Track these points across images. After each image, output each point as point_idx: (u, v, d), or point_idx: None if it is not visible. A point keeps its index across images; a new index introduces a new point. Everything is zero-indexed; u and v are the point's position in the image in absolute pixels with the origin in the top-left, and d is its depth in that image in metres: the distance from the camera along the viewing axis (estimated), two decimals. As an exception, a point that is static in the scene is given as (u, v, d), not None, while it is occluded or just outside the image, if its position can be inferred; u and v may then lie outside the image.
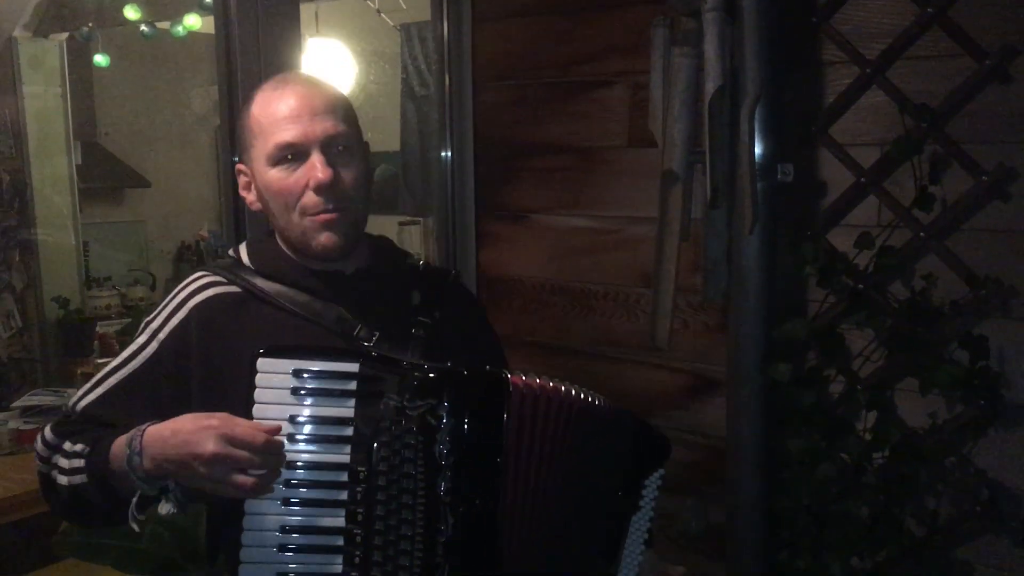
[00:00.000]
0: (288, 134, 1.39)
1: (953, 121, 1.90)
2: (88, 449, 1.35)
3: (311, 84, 1.46)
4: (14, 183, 4.94)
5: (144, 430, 1.28)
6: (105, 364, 1.51)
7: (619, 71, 2.35)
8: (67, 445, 1.39)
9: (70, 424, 1.44)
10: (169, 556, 2.67)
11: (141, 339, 1.45)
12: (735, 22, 1.94)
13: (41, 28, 4.95)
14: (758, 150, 1.94)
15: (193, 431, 1.22)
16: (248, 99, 1.47)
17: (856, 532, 1.94)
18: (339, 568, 1.25)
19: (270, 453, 1.22)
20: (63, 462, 1.38)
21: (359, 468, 1.26)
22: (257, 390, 1.25)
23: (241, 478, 1.21)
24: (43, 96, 5.00)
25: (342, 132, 1.43)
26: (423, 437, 1.26)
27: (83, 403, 1.44)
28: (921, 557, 1.93)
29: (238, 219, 2.29)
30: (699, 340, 2.28)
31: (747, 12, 1.92)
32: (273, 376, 1.25)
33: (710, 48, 1.94)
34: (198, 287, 1.45)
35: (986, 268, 1.87)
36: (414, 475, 1.26)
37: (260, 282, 1.44)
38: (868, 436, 1.96)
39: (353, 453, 1.26)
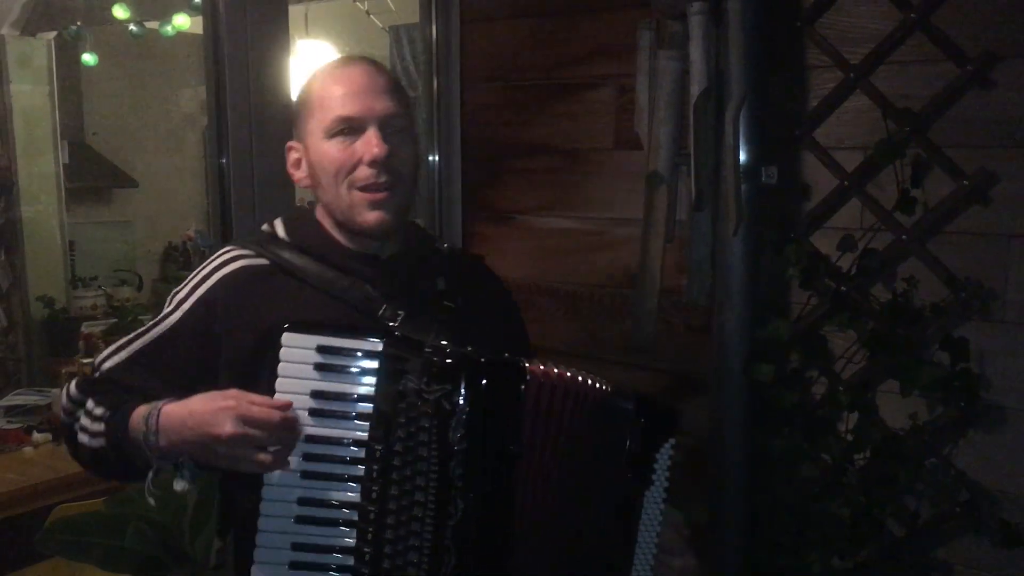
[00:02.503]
0: (348, 108, 1.42)
1: (935, 125, 1.91)
2: (109, 414, 1.37)
3: (374, 65, 1.50)
4: (1, 182, 4.92)
5: (160, 409, 1.30)
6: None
7: (605, 73, 2.36)
8: (90, 404, 1.41)
9: (95, 383, 1.45)
10: (153, 554, 2.66)
11: (168, 308, 1.46)
12: (720, 25, 1.95)
13: (29, 26, 4.94)
14: (743, 153, 1.96)
15: (210, 412, 1.24)
16: (309, 78, 1.49)
17: (837, 532, 1.96)
18: (352, 542, 1.27)
19: (286, 430, 1.24)
20: (86, 421, 1.40)
21: (376, 446, 1.28)
22: (281, 364, 1.27)
23: (259, 456, 1.23)
24: (30, 95, 4.99)
25: (400, 112, 1.45)
26: (438, 421, 1.28)
27: (107, 364, 1.46)
28: (901, 557, 1.94)
29: (225, 219, 2.29)
30: (683, 341, 2.29)
31: (732, 15, 1.93)
32: (297, 351, 1.28)
33: (695, 51, 1.96)
34: (226, 259, 1.47)
35: (967, 271, 1.89)
36: (427, 458, 1.28)
37: (290, 256, 1.46)
38: (849, 437, 1.97)
39: (372, 431, 1.28)
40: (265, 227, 1.54)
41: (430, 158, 2.71)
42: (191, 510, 2.73)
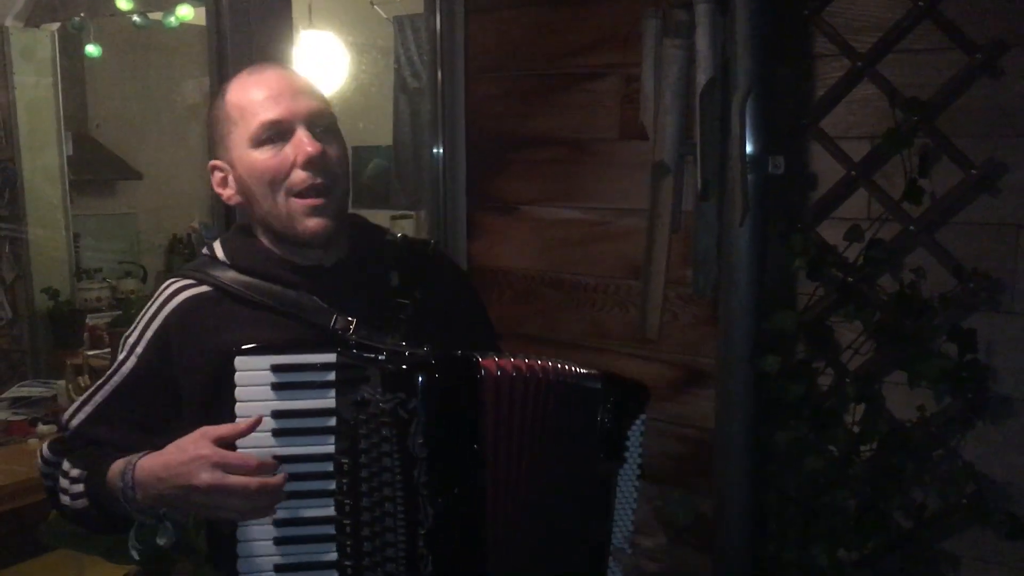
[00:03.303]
0: (272, 112, 1.38)
1: (943, 115, 1.90)
2: (86, 474, 1.36)
3: (285, 67, 1.47)
4: (5, 174, 4.92)
5: (135, 463, 1.28)
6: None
7: (611, 63, 2.35)
8: (66, 465, 1.40)
9: (66, 442, 1.44)
10: (159, 546, 2.66)
11: (121, 355, 1.44)
12: (727, 14, 1.94)
13: (33, 18, 4.93)
14: (749, 142, 1.95)
15: (185, 462, 1.22)
16: (218, 93, 1.45)
17: (843, 524, 1.95)
18: (333, 556, 1.26)
19: (264, 471, 1.22)
20: (65, 483, 1.40)
21: (343, 459, 1.26)
22: (238, 388, 1.25)
23: (239, 503, 1.21)
24: (34, 87, 4.98)
25: (324, 110, 1.42)
26: (396, 431, 1.25)
27: (75, 421, 1.44)
28: (908, 549, 1.94)
29: (228, 212, 2.29)
30: (689, 332, 2.28)
31: (739, 4, 1.92)
32: (252, 374, 1.25)
33: (702, 40, 1.95)
34: (169, 294, 1.43)
35: (975, 262, 1.88)
36: (391, 468, 1.26)
37: (233, 277, 1.42)
38: (856, 428, 1.97)
39: (337, 443, 1.26)
40: (205, 250, 1.51)
41: (434, 150, 2.70)
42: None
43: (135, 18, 4.85)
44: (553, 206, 2.50)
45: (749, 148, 1.95)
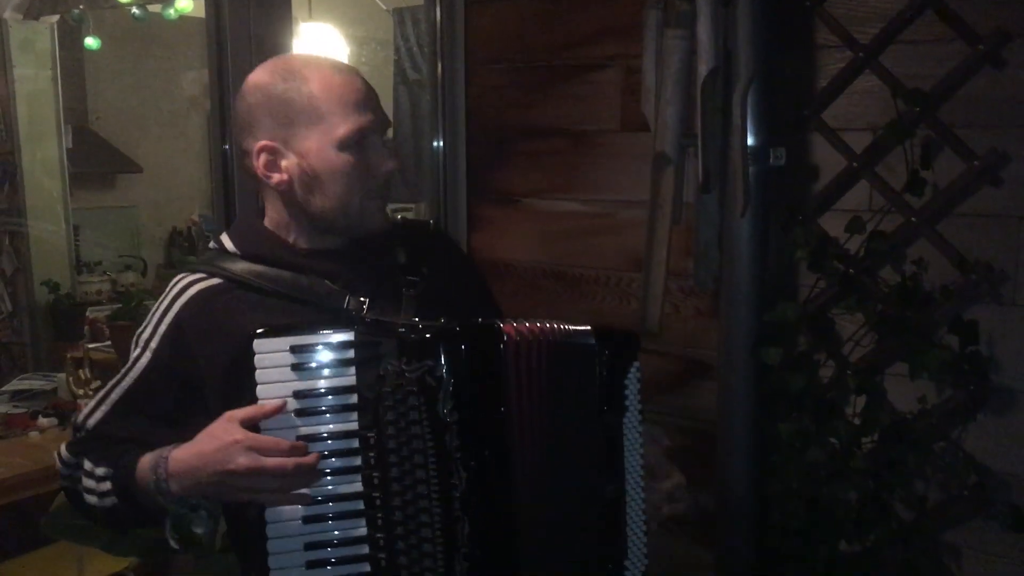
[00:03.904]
0: (366, 120, 1.41)
1: (945, 106, 1.90)
2: (112, 471, 1.37)
3: (359, 74, 1.49)
4: (4, 167, 4.91)
5: (167, 457, 1.29)
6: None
7: (612, 54, 2.34)
8: (88, 465, 1.41)
9: (84, 442, 1.45)
10: (157, 538, 2.66)
11: (135, 352, 1.45)
12: (728, 5, 1.93)
13: (32, 10, 4.92)
14: (750, 134, 1.94)
15: (219, 448, 1.24)
16: (295, 76, 1.42)
17: (845, 516, 1.95)
18: (364, 531, 1.28)
19: (298, 452, 1.24)
20: (90, 483, 1.40)
21: (368, 434, 1.28)
22: (258, 371, 1.26)
23: (276, 483, 1.23)
24: (34, 79, 4.97)
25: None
26: (425, 398, 1.28)
27: (91, 421, 1.45)
28: (909, 541, 1.94)
29: (228, 204, 2.29)
30: (690, 324, 2.28)
31: (741, -5, 1.91)
32: (271, 356, 1.27)
33: (703, 31, 1.94)
34: (181, 288, 1.44)
35: (977, 253, 1.87)
36: (421, 435, 1.28)
37: (244, 268, 1.43)
38: (857, 420, 1.96)
39: (361, 419, 1.28)
40: (212, 244, 1.52)
41: (435, 142, 2.70)
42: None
43: (134, 10, 4.84)
44: (554, 198, 2.49)
45: (751, 139, 1.94)
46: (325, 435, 1.28)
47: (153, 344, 1.43)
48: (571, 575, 1.42)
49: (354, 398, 1.28)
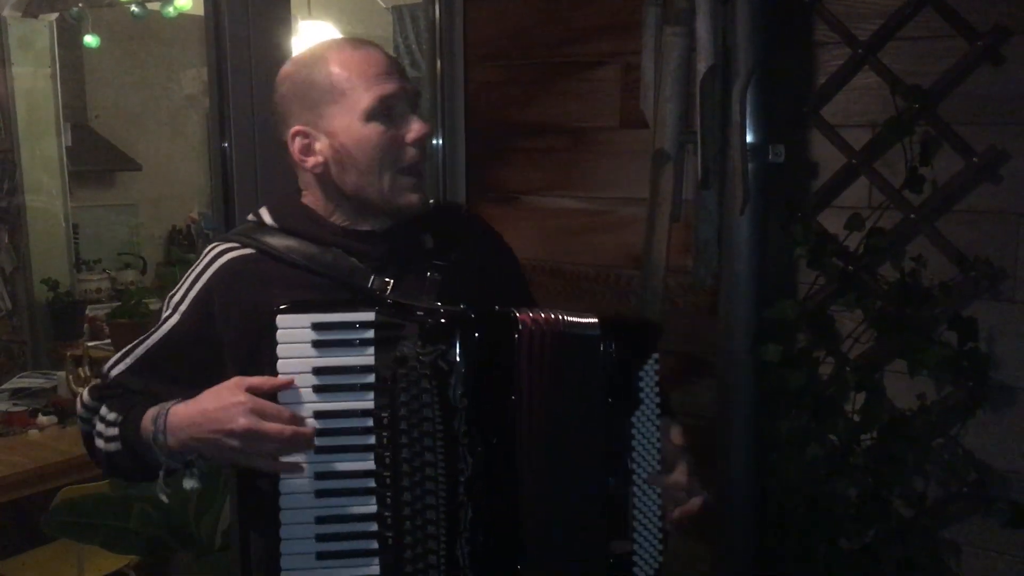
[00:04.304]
0: (389, 88, 1.41)
1: (944, 102, 1.90)
2: (121, 418, 1.41)
3: (379, 47, 1.50)
4: (3, 165, 4.92)
5: (168, 409, 1.33)
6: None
7: (611, 51, 2.34)
8: (103, 410, 1.45)
9: (105, 389, 1.49)
10: (158, 535, 2.67)
11: (166, 313, 1.49)
12: (727, 1, 1.93)
13: (31, 8, 4.92)
14: (749, 131, 1.94)
15: (222, 408, 1.27)
16: (317, 60, 1.44)
17: (844, 513, 1.95)
18: (374, 508, 1.31)
19: (297, 423, 1.27)
20: (101, 427, 1.44)
21: (383, 414, 1.31)
22: (279, 346, 1.29)
23: (271, 448, 1.26)
24: (32, 77, 4.97)
25: (418, 90, 1.49)
26: (437, 382, 1.30)
27: (114, 372, 1.49)
28: (909, 538, 1.94)
29: (227, 202, 2.28)
30: (689, 321, 2.27)
31: (739, -9, 1.91)
32: (293, 331, 1.30)
33: (702, 27, 1.94)
34: (215, 255, 1.48)
35: (976, 250, 1.87)
36: (432, 418, 1.31)
37: (276, 240, 1.47)
38: (857, 417, 1.96)
39: (376, 399, 1.31)
40: (251, 216, 1.53)
41: (434, 140, 2.69)
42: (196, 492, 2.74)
43: (133, 8, 4.84)
44: (553, 195, 2.49)
45: (750, 136, 1.94)
46: (341, 412, 1.31)
47: (182, 307, 1.46)
48: (572, 566, 1.43)
49: (371, 378, 1.31)
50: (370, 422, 1.30)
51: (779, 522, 2.04)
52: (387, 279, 1.42)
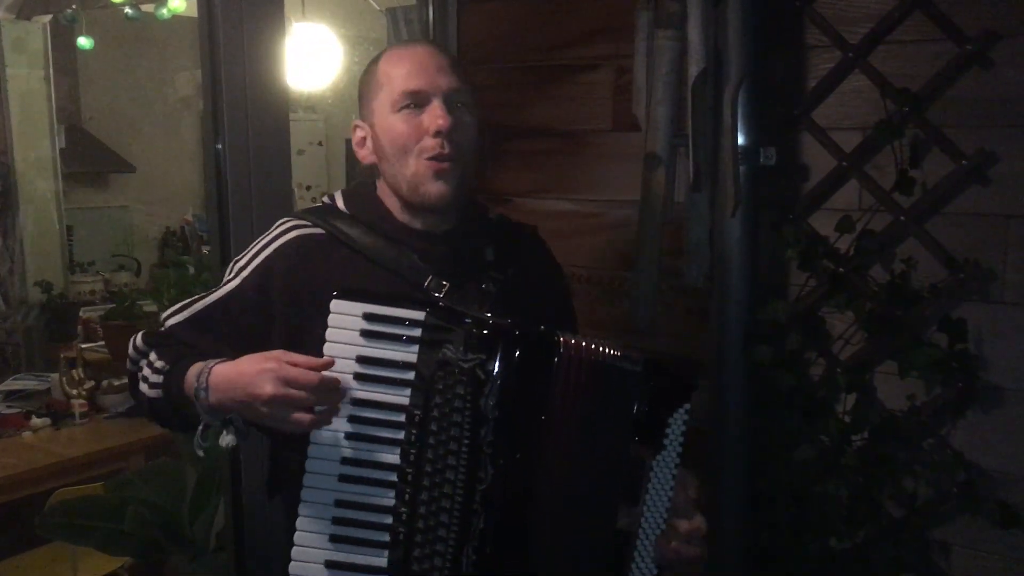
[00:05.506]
0: (413, 82, 1.48)
1: (934, 105, 1.91)
2: (168, 367, 1.45)
3: (437, 45, 1.58)
4: (-3, 167, 4.91)
5: (212, 367, 1.37)
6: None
7: (603, 54, 2.35)
8: (152, 356, 1.49)
9: (159, 336, 1.54)
10: (152, 538, 2.67)
11: (229, 276, 1.54)
12: (719, 5, 1.94)
13: (24, 10, 4.92)
14: (741, 134, 1.95)
15: (254, 374, 1.30)
16: (376, 59, 1.54)
17: (835, 513, 1.96)
18: (391, 502, 1.33)
19: (326, 390, 1.30)
20: (147, 372, 1.49)
21: (416, 412, 1.33)
22: (329, 329, 1.33)
23: (298, 416, 1.29)
24: (26, 79, 4.97)
25: (463, 88, 1.51)
26: (472, 389, 1.33)
27: (171, 321, 1.54)
28: (899, 538, 1.95)
29: (221, 204, 2.28)
30: (681, 323, 2.28)
31: (731, -5, 1.92)
32: (345, 317, 1.33)
33: (694, 31, 1.95)
34: (284, 229, 1.53)
35: (965, 252, 1.88)
36: (460, 424, 1.33)
37: (344, 225, 1.52)
38: (847, 418, 1.97)
39: (412, 397, 1.33)
40: (325, 199, 1.60)
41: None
42: (191, 493, 2.74)
43: (127, 10, 4.85)
44: (545, 198, 2.50)
45: (741, 139, 1.95)
46: (376, 403, 1.33)
47: (244, 273, 1.51)
48: None
49: (411, 375, 1.33)
50: (402, 417, 1.33)
51: (771, 522, 2.05)
52: (444, 282, 1.45)
